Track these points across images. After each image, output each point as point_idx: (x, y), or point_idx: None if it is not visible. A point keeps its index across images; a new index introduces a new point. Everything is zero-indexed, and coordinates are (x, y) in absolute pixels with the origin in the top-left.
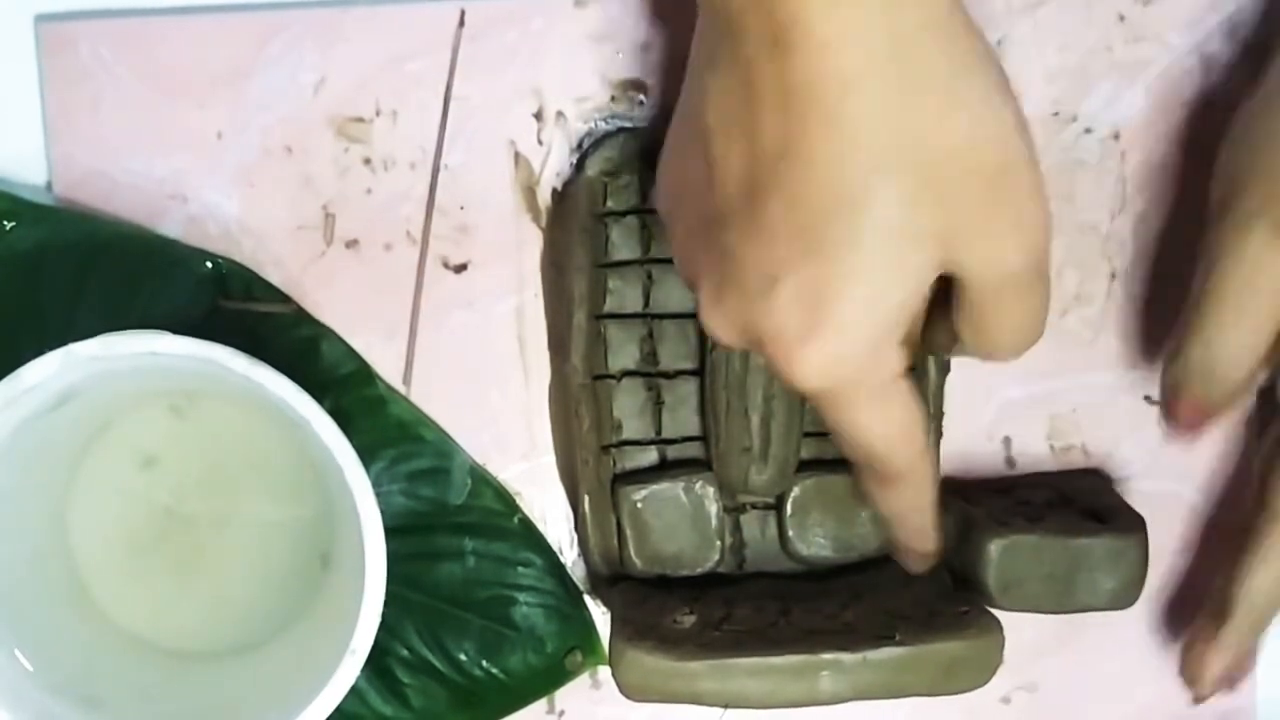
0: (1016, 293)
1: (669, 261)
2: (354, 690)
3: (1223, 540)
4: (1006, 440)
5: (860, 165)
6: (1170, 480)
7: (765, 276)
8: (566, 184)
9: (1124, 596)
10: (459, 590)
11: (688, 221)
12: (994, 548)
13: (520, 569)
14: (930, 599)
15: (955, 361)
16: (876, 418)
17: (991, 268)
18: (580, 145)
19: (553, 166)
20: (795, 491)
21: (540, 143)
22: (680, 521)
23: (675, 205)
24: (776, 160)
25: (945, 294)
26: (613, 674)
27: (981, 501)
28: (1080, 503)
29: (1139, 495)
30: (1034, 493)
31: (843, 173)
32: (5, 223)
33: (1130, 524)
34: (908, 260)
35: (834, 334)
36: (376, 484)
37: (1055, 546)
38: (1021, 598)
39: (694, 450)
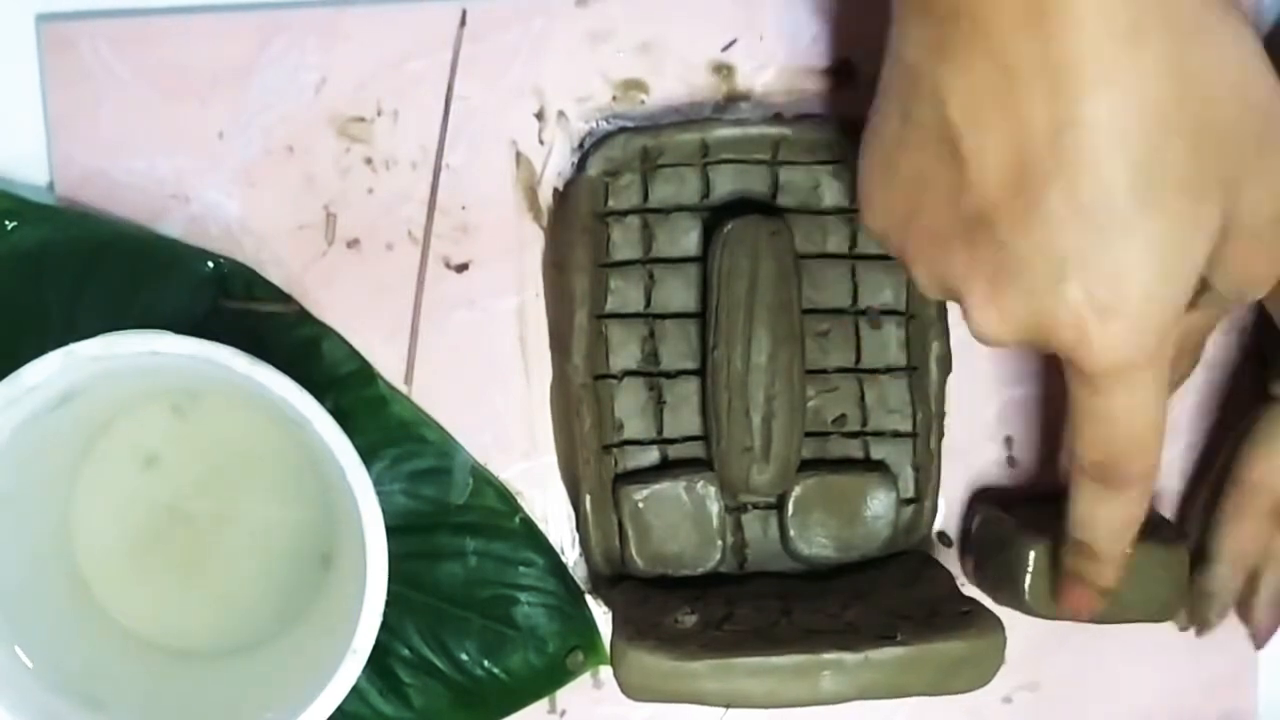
0: (1277, 229)
1: (670, 261)
2: (355, 690)
3: None
4: (1008, 440)
5: (1143, 128)
6: (1171, 479)
7: (1054, 264)
8: (568, 183)
9: (1165, 609)
10: (460, 590)
11: (933, 229)
12: (1033, 554)
13: (522, 569)
14: (932, 599)
15: (957, 361)
16: (1145, 404)
17: (1264, 208)
18: (582, 145)
19: (554, 166)
20: (797, 491)
21: (541, 142)
22: (682, 521)
23: (907, 218)
24: (1051, 142)
25: None
26: (614, 674)
27: (1020, 511)
28: None
29: None
30: None
31: (1126, 139)
32: (7, 222)
33: (1172, 536)
34: (1201, 214)
35: (1137, 306)
36: (378, 483)
37: None
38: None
39: (695, 450)
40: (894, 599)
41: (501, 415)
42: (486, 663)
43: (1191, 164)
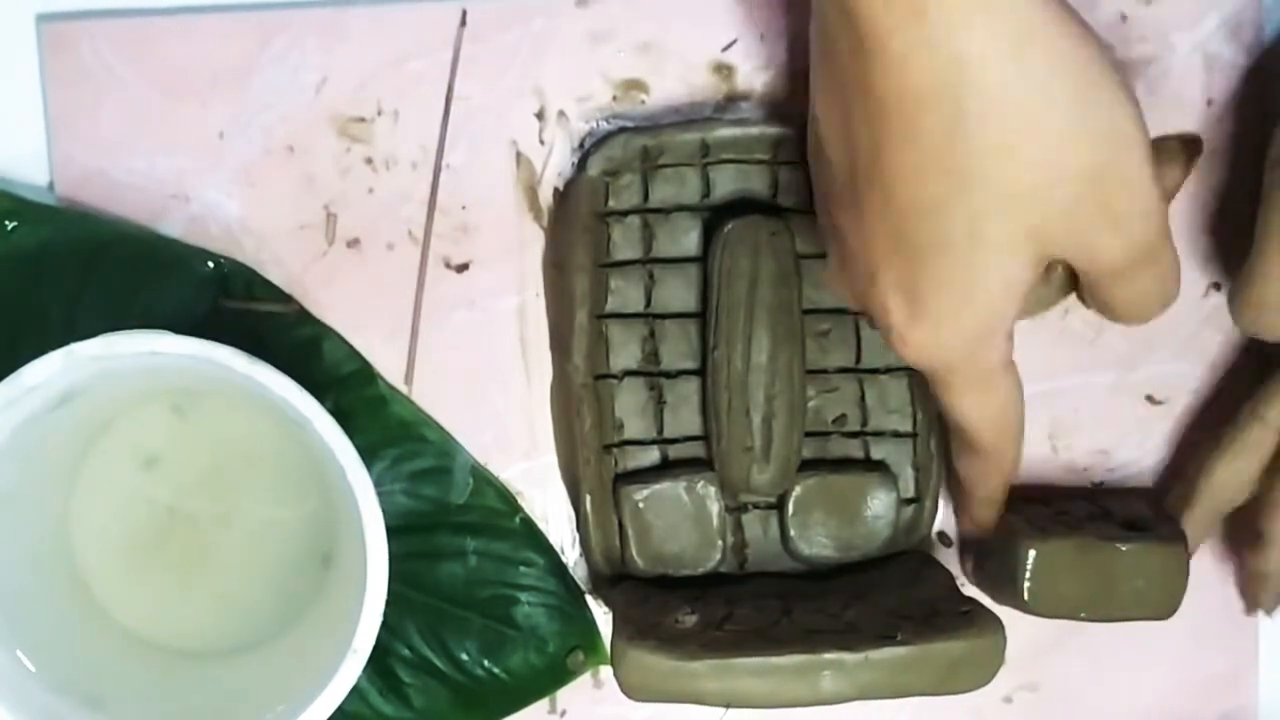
0: (1130, 276)
1: (670, 261)
2: (355, 690)
3: (1224, 538)
4: None
5: (941, 182)
6: (1171, 479)
7: (869, 265)
8: (568, 183)
9: (1164, 606)
10: (460, 590)
11: (821, 185)
12: (1032, 553)
13: (522, 568)
14: (932, 599)
15: None
16: (973, 402)
17: (1096, 263)
18: (582, 145)
19: (554, 166)
20: (797, 491)
21: (542, 142)
22: (682, 521)
23: (815, 167)
24: (869, 164)
25: None
26: (614, 674)
27: (1020, 510)
28: (1119, 515)
29: None
30: (1073, 504)
31: (924, 188)
32: (7, 222)
33: (1170, 534)
34: (995, 268)
35: (931, 327)
36: (378, 483)
37: (1094, 553)
38: (1059, 604)
39: (696, 450)
40: (894, 599)
41: (502, 415)
42: (487, 663)
43: (991, 224)
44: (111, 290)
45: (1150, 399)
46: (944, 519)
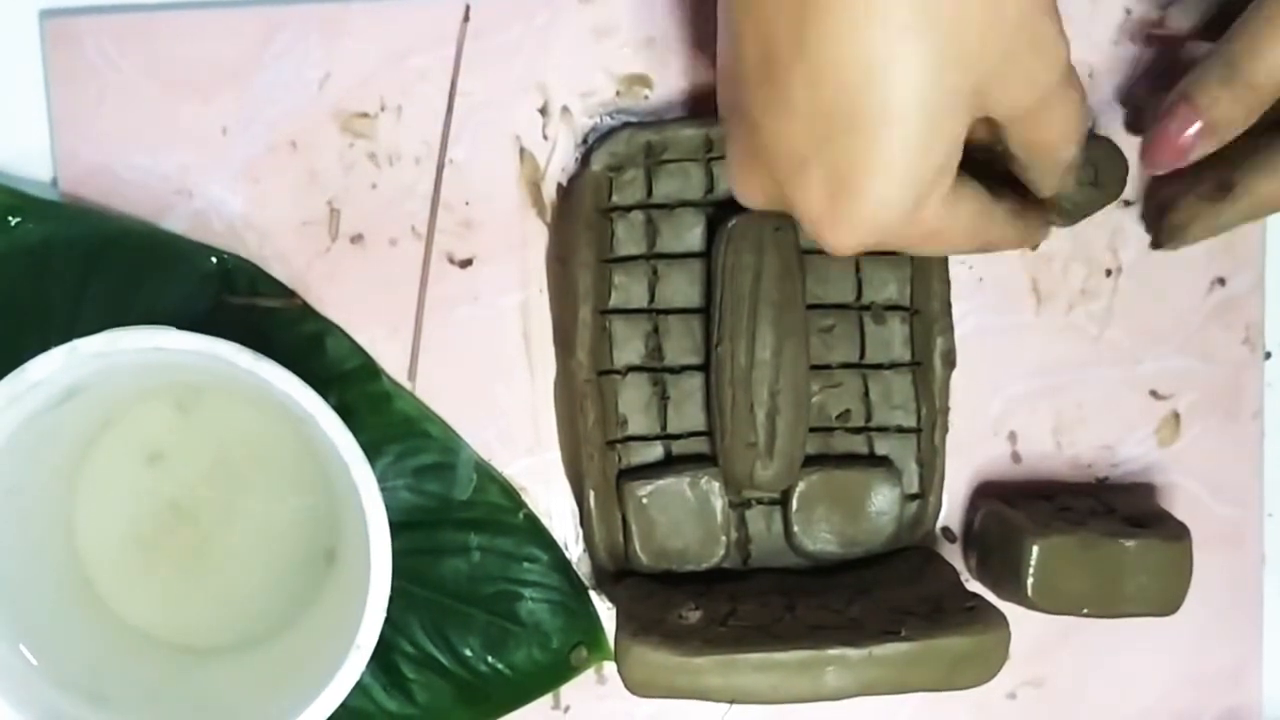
0: (1049, 109)
1: (674, 256)
2: (359, 686)
3: (1225, 537)
4: (1012, 435)
5: (885, 30)
6: (1175, 475)
7: (795, 155)
8: (572, 179)
9: (1167, 602)
10: (464, 586)
11: (722, 96)
12: (1035, 549)
13: (525, 564)
14: (936, 595)
15: (961, 356)
16: (944, 243)
17: (1021, 102)
18: (585, 140)
19: (558, 161)
20: (801, 487)
21: (545, 138)
22: (686, 517)
23: (723, 46)
24: (795, 32)
25: None
26: (618, 669)
27: (1023, 506)
28: (1123, 511)
29: None
30: (1077, 500)
31: (867, 40)
32: (10, 218)
33: (1174, 531)
34: (943, 124)
35: (873, 208)
36: (381, 479)
37: (1098, 549)
38: (1062, 600)
39: (699, 445)
40: (898, 595)
41: (505, 411)
42: (490, 658)
43: (936, 75)
44: (115, 286)
45: (1154, 394)
46: (947, 514)
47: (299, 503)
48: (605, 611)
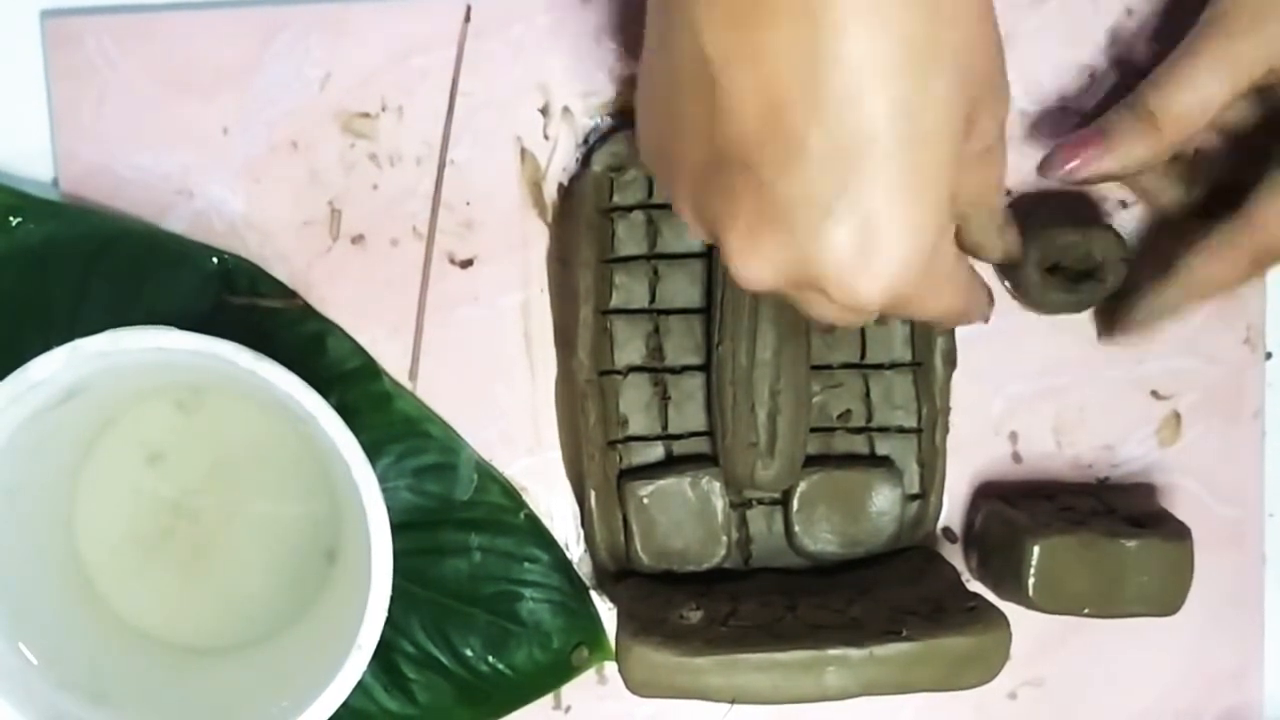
0: (994, 151)
1: (675, 257)
2: (360, 686)
3: (1225, 537)
4: (1013, 435)
5: (904, 64)
6: (1175, 475)
7: (817, 206)
8: (572, 179)
9: (1168, 602)
10: (465, 586)
11: (693, 166)
12: (1036, 549)
13: (526, 565)
14: (937, 595)
15: (961, 356)
16: (943, 301)
17: (989, 134)
18: (586, 140)
19: (559, 162)
20: (802, 487)
21: (546, 138)
22: (686, 517)
23: (672, 156)
24: (808, 79)
25: None
26: (619, 669)
27: (1024, 507)
28: (1124, 511)
29: None
30: (1078, 500)
31: (887, 75)
32: (11, 218)
33: (1175, 531)
34: (955, 148)
35: (902, 243)
36: (382, 479)
37: (1099, 549)
38: (1063, 600)
39: (700, 445)
40: (899, 595)
41: (506, 411)
42: (491, 658)
43: (948, 100)
44: (116, 286)
45: (1155, 394)
46: (948, 515)
47: (300, 503)
48: (606, 611)
